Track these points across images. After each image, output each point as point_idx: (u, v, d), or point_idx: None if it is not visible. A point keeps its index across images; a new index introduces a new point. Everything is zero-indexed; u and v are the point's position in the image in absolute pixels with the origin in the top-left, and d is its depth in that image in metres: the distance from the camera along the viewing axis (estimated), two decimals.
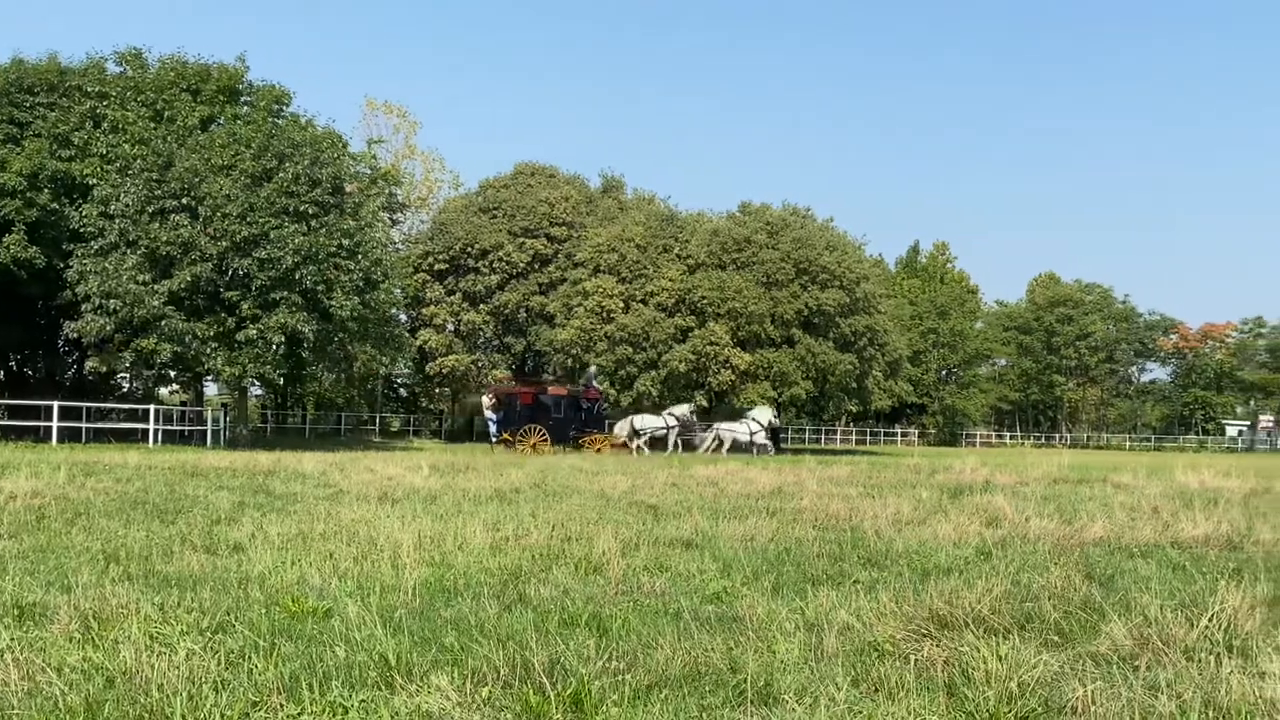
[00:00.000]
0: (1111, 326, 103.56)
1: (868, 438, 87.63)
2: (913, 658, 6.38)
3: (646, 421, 44.33)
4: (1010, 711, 5.38)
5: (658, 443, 44.02)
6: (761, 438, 41.04)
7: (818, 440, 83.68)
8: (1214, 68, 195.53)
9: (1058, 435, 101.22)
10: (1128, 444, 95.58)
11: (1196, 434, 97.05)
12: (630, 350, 55.68)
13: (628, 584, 9.13)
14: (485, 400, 49.51)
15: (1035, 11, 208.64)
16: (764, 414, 42.91)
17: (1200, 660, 6.24)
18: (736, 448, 43.00)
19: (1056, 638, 7.10)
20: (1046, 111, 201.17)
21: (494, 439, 45.72)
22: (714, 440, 43.45)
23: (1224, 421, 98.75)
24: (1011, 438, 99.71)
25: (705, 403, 53.05)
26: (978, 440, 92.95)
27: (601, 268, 58.00)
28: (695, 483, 22.38)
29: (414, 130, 70.31)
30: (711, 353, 54.95)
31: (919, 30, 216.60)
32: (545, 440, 41.58)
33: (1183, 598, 8.32)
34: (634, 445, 42.96)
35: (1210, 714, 5.28)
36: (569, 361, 57.18)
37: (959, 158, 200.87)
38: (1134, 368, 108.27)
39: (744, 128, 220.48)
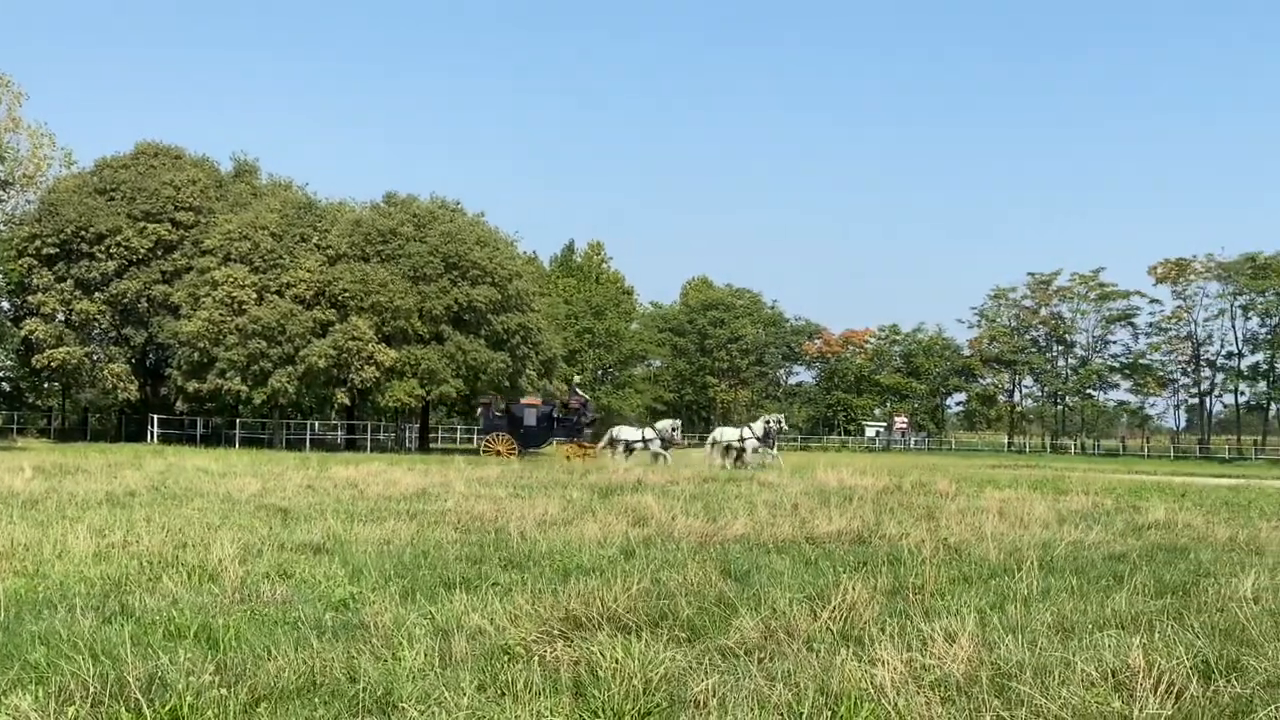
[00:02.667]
0: (761, 330, 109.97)
1: None
2: (544, 660, 6.49)
3: (624, 433, 43.54)
4: (634, 709, 5.59)
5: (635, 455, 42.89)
6: (752, 444, 39.82)
7: (469, 440, 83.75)
8: (827, 80, 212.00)
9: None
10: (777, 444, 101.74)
11: (839, 434, 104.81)
12: (264, 345, 53.56)
13: (245, 592, 8.80)
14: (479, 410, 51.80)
15: (700, 11, 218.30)
16: (758, 425, 41.63)
17: (819, 650, 6.72)
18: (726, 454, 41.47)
19: (689, 633, 7.44)
20: (699, 118, 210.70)
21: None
22: (710, 450, 41.96)
23: (864, 422, 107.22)
24: None
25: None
26: None
27: (232, 256, 55.49)
28: (334, 484, 21.87)
29: (19, 101, 64.32)
30: (354, 348, 53.79)
31: (582, 24, 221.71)
32: (513, 447, 43.73)
33: (811, 591, 8.96)
34: (611, 455, 41.87)
35: (823, 700, 5.69)
36: (194, 355, 54.24)
37: (613, 158, 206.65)
38: (782, 370, 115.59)
39: (392, 114, 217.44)
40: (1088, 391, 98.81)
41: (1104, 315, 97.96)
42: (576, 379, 54.99)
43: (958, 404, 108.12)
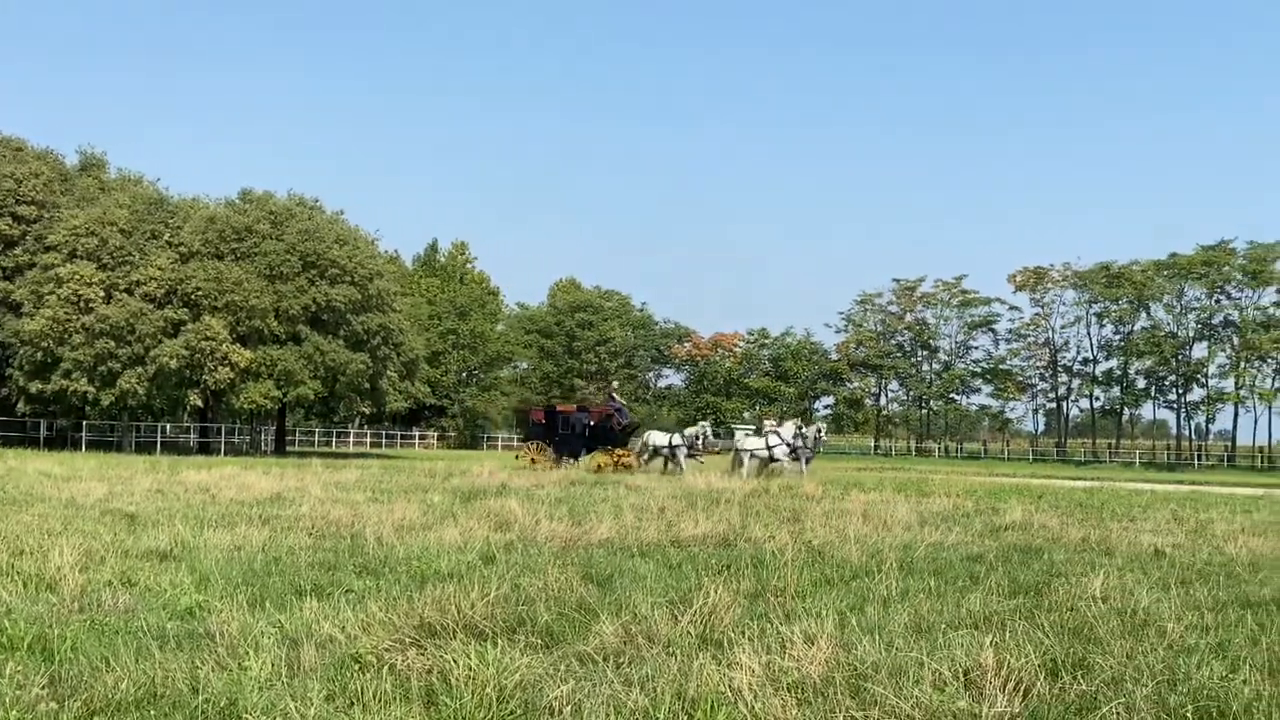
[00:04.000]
0: (630, 333, 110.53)
1: (384, 441, 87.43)
2: (395, 668, 6.41)
3: (655, 437, 41.45)
4: (487, 717, 5.55)
5: (666, 460, 41.00)
6: (782, 451, 37.80)
7: (329, 443, 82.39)
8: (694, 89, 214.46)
9: None
10: None
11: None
12: (113, 344, 51.78)
13: (85, 601, 8.49)
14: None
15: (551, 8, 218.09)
16: (788, 429, 39.64)
17: (679, 654, 6.76)
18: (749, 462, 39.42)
19: (547, 640, 7.42)
20: (563, 118, 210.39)
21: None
22: (735, 459, 39.89)
23: (733, 425, 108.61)
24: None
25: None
26: (500, 443, 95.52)
27: (79, 253, 53.52)
28: (184, 489, 21.28)
29: None
30: (207, 348, 52.39)
31: (444, 17, 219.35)
32: (547, 455, 40.60)
33: (673, 595, 9.02)
34: (646, 462, 40.09)
35: (679, 704, 5.73)
36: (38, 355, 52.16)
37: (481, 156, 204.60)
38: (652, 373, 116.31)
39: (248, 111, 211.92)
40: (951, 396, 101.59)
41: (966, 321, 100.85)
42: (615, 384, 54.00)
43: (825, 407, 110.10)
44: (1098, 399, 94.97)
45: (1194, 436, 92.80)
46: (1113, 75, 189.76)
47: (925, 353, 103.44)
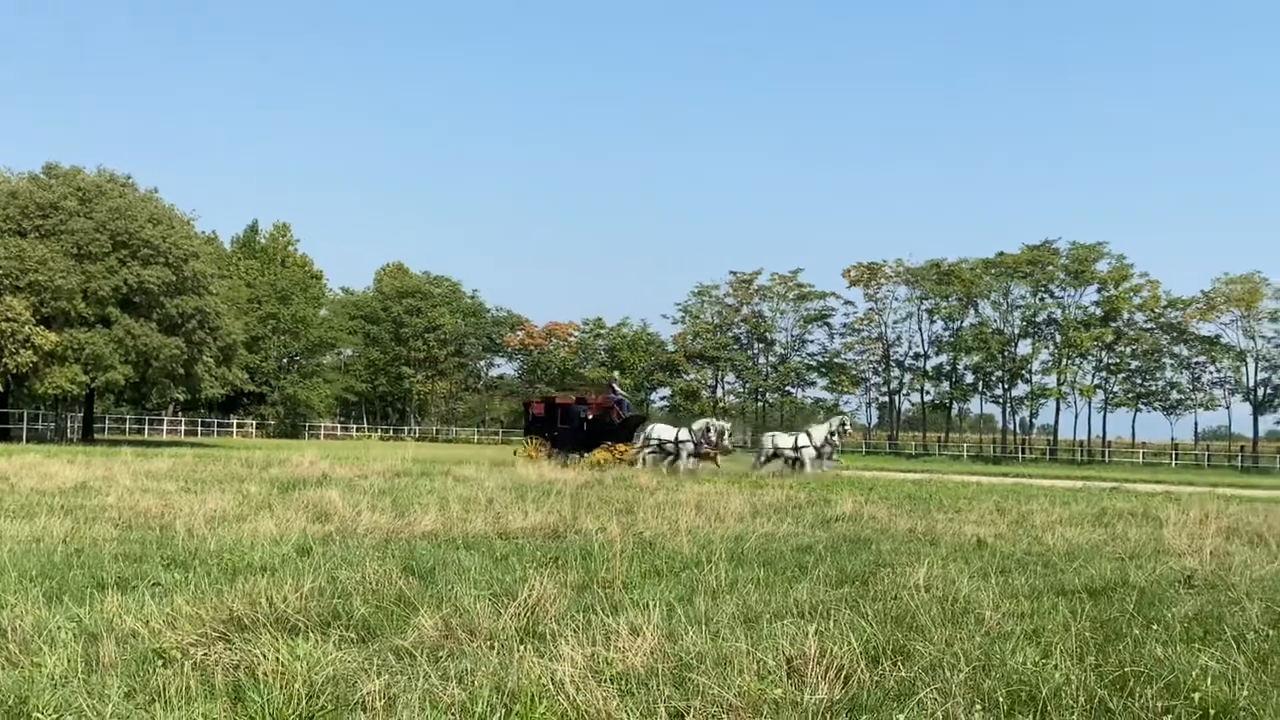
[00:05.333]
0: (461, 320, 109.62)
1: (199, 429, 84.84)
2: (201, 663, 6.23)
3: (659, 431, 38.47)
4: (296, 713, 5.44)
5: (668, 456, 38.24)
6: (809, 454, 35.63)
7: (140, 431, 79.55)
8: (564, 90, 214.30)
9: (406, 428, 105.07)
10: (476, 437, 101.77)
11: None
12: None
13: None
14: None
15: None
16: (819, 430, 37.42)
17: (500, 647, 6.73)
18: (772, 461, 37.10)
19: (363, 634, 7.31)
20: (390, 97, 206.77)
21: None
22: (759, 457, 37.44)
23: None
24: (358, 430, 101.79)
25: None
26: (322, 432, 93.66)
27: None
28: None
29: None
30: (7, 330, 50.06)
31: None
32: (543, 448, 39.02)
33: (497, 588, 8.98)
34: (646, 459, 37.52)
35: (498, 698, 5.70)
36: None
37: (305, 133, 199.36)
38: (483, 362, 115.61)
39: (58, 79, 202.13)
40: (787, 388, 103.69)
41: (802, 315, 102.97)
42: (616, 375, 51.92)
43: (662, 398, 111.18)
44: (928, 393, 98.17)
45: (1019, 430, 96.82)
46: (946, 76, 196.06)
47: (761, 345, 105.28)
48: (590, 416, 40.24)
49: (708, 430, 36.93)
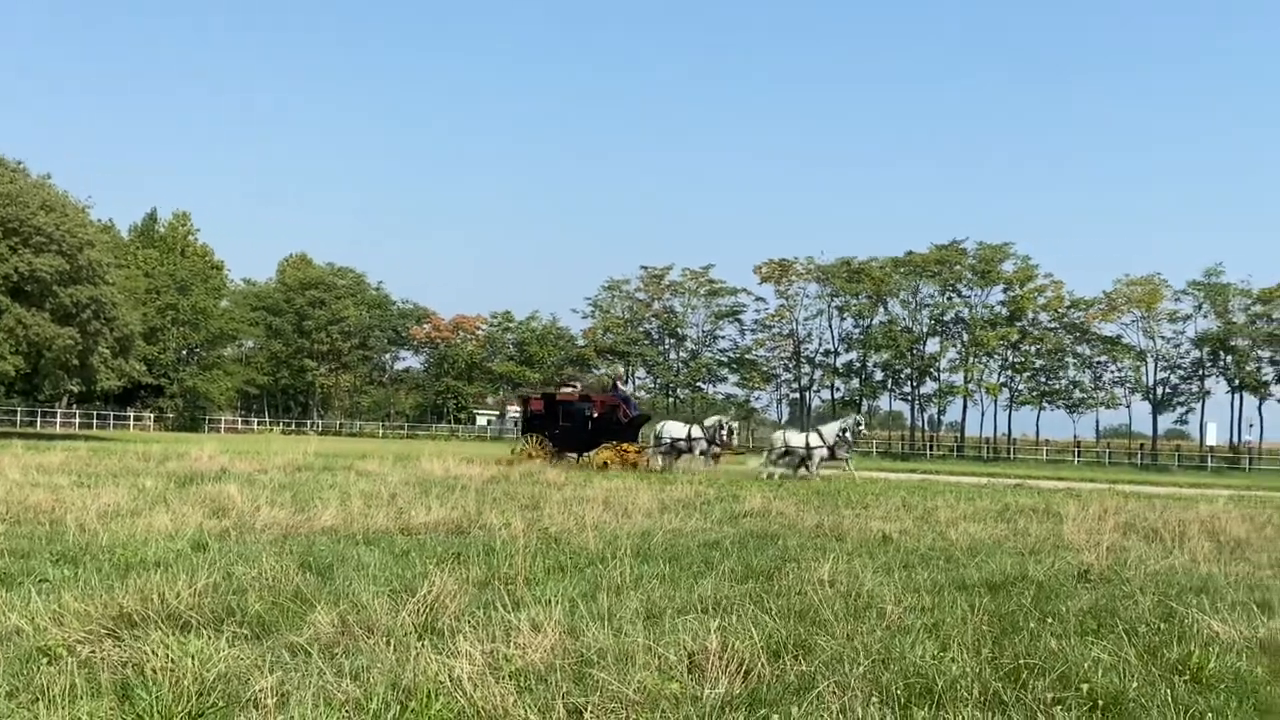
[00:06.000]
0: (365, 312, 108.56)
1: (95, 422, 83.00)
2: (88, 661, 6.12)
3: (671, 429, 36.85)
4: (184, 710, 5.36)
5: (681, 455, 36.57)
6: (823, 452, 34.16)
7: (32, 424, 77.52)
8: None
9: (309, 421, 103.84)
10: (381, 431, 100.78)
11: (449, 422, 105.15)
12: None
13: None
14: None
15: None
16: (830, 428, 35.88)
17: (398, 644, 6.69)
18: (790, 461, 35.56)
19: (258, 630, 7.22)
20: (288, 86, 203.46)
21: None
22: (769, 455, 35.83)
23: (475, 410, 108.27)
24: (260, 423, 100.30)
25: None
26: (223, 426, 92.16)
27: None
28: None
29: None
30: None
31: None
32: (546, 449, 36.51)
33: (397, 584, 8.92)
34: (659, 460, 36.12)
35: (394, 694, 5.66)
36: None
37: (198, 120, 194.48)
38: (388, 355, 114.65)
39: None
40: (698, 384, 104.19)
41: (713, 311, 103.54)
42: (619, 369, 50.25)
43: None
44: (838, 390, 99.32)
45: (927, 427, 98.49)
46: (854, 76, 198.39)
47: (673, 341, 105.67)
48: (596, 415, 38.16)
49: (720, 427, 36.21)
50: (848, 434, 35.64)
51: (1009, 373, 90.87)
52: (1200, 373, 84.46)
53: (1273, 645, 7.82)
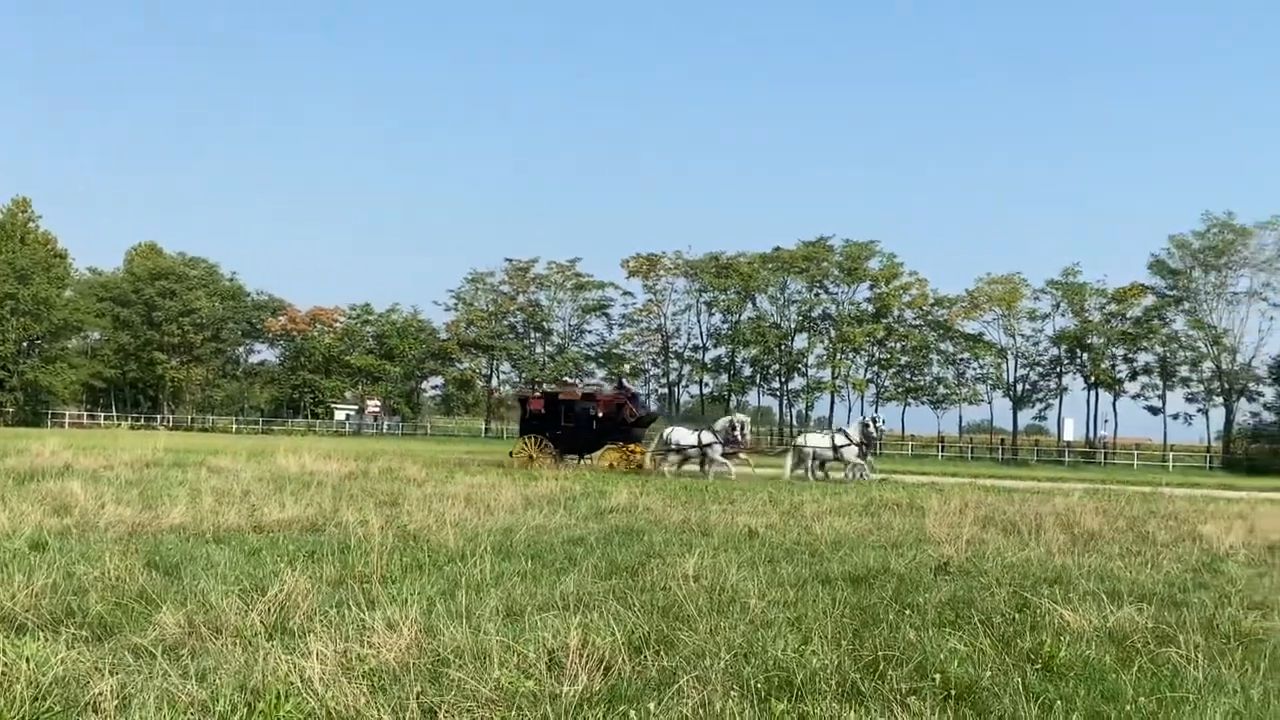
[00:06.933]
0: (218, 304, 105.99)
1: None
2: None
3: (680, 435, 34.91)
4: (17, 715, 5.19)
5: (692, 461, 34.95)
6: (852, 453, 32.11)
7: None
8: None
9: (160, 416, 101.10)
10: (235, 426, 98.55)
11: (306, 417, 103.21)
12: None
13: None
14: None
15: None
16: (855, 427, 33.69)
17: (247, 644, 6.56)
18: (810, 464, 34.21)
19: (100, 632, 7.02)
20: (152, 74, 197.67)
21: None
22: (793, 460, 33.57)
23: (333, 405, 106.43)
24: (108, 418, 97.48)
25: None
26: (66, 420, 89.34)
27: None
28: None
29: None
30: None
31: None
32: (547, 451, 35.07)
33: (248, 583, 8.74)
34: (658, 461, 34.61)
35: (242, 696, 5.56)
36: None
37: (52, 103, 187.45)
38: (242, 348, 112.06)
39: None
40: (565, 379, 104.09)
41: (580, 304, 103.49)
42: (626, 368, 47.84)
43: (434, 388, 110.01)
44: (707, 385, 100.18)
45: (795, 423, 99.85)
46: (724, 75, 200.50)
47: (539, 334, 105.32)
48: (600, 414, 36.84)
49: (733, 428, 34.59)
50: (870, 431, 34.61)
51: (875, 369, 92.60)
52: (1058, 370, 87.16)
53: (1120, 634, 8.14)
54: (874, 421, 35.87)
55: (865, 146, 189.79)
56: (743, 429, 34.77)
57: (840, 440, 33.90)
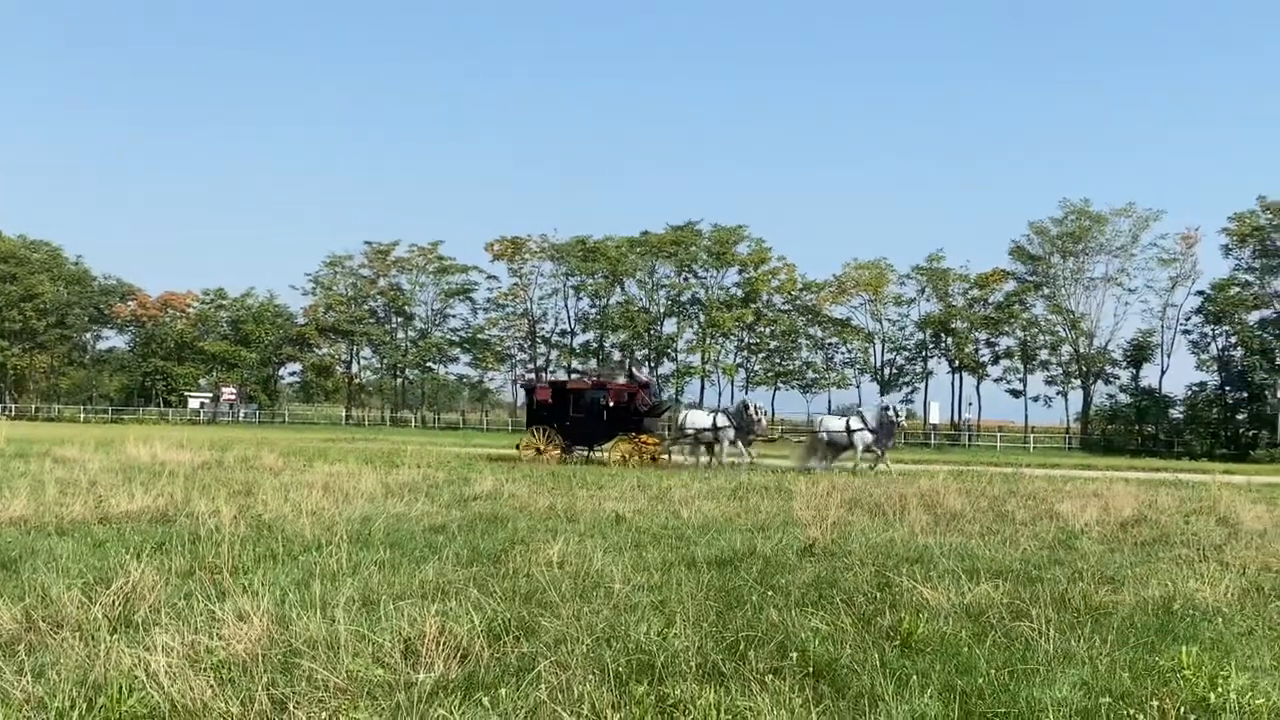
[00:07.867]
0: (63, 288, 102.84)
1: None
2: None
3: (695, 419, 33.14)
4: None
5: (708, 447, 33.16)
6: (866, 437, 30.00)
7: None
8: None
9: (1, 405, 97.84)
10: (83, 415, 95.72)
11: (158, 405, 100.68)
12: None
13: None
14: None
15: None
16: (869, 411, 31.51)
17: (89, 638, 6.38)
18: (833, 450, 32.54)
19: None
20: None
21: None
22: (808, 448, 31.24)
23: (186, 393, 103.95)
24: None
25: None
26: None
27: None
28: None
29: None
30: None
31: None
32: (555, 443, 33.89)
33: (92, 576, 8.51)
34: (682, 452, 32.99)
35: (82, 691, 5.41)
36: None
37: None
38: (89, 334, 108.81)
39: None
40: (428, 364, 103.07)
41: (443, 289, 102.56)
42: (637, 355, 45.41)
43: (292, 374, 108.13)
44: (575, 371, 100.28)
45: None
46: (590, 58, 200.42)
47: (400, 319, 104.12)
48: (611, 404, 35.50)
49: (746, 409, 33.54)
50: (888, 416, 33.17)
51: (745, 353, 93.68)
52: (924, 354, 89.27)
53: (977, 609, 8.38)
54: (893, 411, 34.17)
55: (733, 135, 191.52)
56: (756, 412, 33.81)
57: (856, 425, 32.53)
